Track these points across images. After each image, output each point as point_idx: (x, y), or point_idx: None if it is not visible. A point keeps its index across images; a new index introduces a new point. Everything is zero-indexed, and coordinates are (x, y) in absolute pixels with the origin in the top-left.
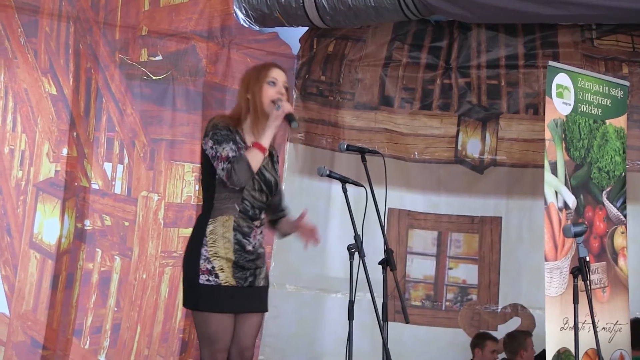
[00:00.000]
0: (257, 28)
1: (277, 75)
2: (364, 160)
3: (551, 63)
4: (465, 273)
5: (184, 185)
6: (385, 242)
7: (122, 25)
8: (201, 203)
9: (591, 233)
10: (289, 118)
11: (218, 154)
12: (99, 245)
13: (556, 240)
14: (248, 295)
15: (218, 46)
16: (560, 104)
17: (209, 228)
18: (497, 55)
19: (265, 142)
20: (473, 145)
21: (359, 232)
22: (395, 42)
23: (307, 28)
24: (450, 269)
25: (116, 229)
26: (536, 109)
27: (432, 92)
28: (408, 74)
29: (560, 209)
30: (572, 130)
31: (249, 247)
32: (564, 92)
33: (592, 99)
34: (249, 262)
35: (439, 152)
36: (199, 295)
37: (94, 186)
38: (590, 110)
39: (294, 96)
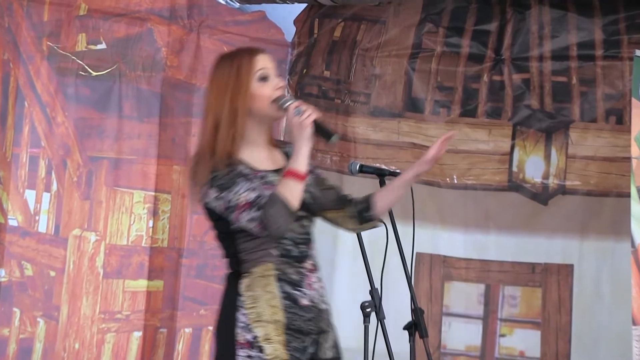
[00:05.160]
0: (237, 5)
1: (265, 62)
2: (383, 185)
3: (639, 53)
4: (523, 341)
5: (133, 220)
6: (412, 299)
7: (52, 2)
8: (158, 245)
9: None
10: (323, 132)
11: (233, 203)
12: (16, 304)
13: None
14: None
15: (183, 30)
16: None
17: (244, 282)
18: (566, 42)
19: (302, 165)
20: (534, 165)
21: (377, 286)
22: (426, 25)
23: (305, 5)
24: (502, 336)
25: (40, 280)
26: (620, 116)
27: (476, 93)
28: (444, 68)
29: None
30: None
31: (305, 302)
32: None
33: None
34: (307, 323)
35: (486, 176)
36: None
37: (11, 222)
38: None
39: None
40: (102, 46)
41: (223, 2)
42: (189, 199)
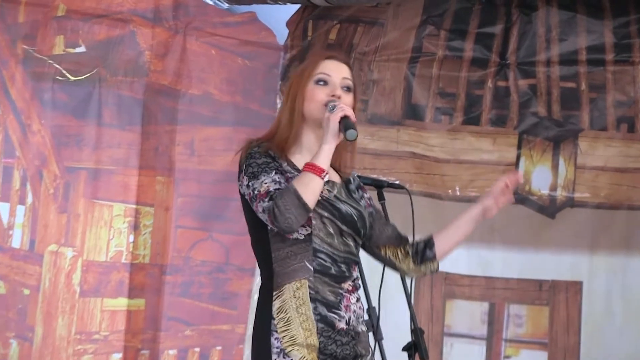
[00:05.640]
0: (226, 6)
1: (331, 68)
2: (381, 198)
3: None
4: None
5: (112, 235)
6: (412, 319)
7: (28, 3)
8: (139, 261)
9: None
10: (344, 125)
11: (256, 192)
12: None
13: None
14: None
15: (168, 32)
16: None
17: (276, 304)
18: (575, 46)
19: (322, 160)
20: (541, 176)
21: (375, 304)
22: (427, 27)
23: (299, 6)
24: (507, 357)
25: (13, 299)
26: (632, 124)
27: (480, 100)
28: (446, 73)
29: None
30: None
31: (341, 325)
32: None
33: None
34: (342, 347)
35: (491, 187)
36: None
37: None
38: None
39: (278, 106)
40: (81, 49)
41: (211, 3)
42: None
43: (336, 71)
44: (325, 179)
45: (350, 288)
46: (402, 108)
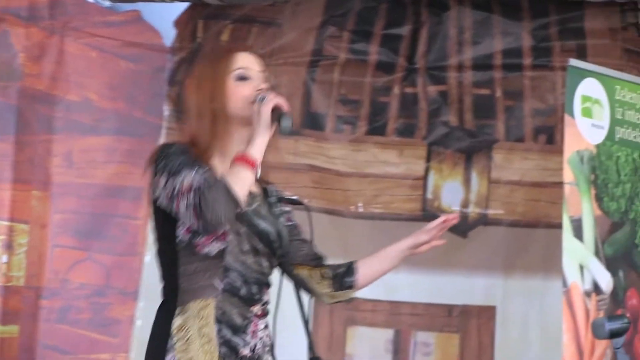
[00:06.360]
0: (107, 4)
1: (249, 62)
2: None
3: (574, 62)
4: None
5: None
6: (310, 348)
7: None
8: (13, 284)
9: (636, 331)
10: (278, 115)
11: (177, 189)
12: None
13: (581, 342)
14: None
15: (44, 33)
16: (587, 127)
17: (177, 321)
18: (489, 49)
19: (254, 151)
20: (451, 191)
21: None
22: (328, 28)
23: (187, 4)
24: None
25: None
26: (551, 135)
27: (386, 108)
28: (349, 79)
29: (587, 293)
30: (606, 169)
31: (245, 351)
32: (594, 108)
33: (639, 118)
34: None
35: (397, 203)
36: None
37: None
38: (635, 136)
39: (165, 113)
40: None
41: (91, 0)
42: None
43: (254, 64)
44: (257, 173)
45: (259, 312)
46: (300, 116)
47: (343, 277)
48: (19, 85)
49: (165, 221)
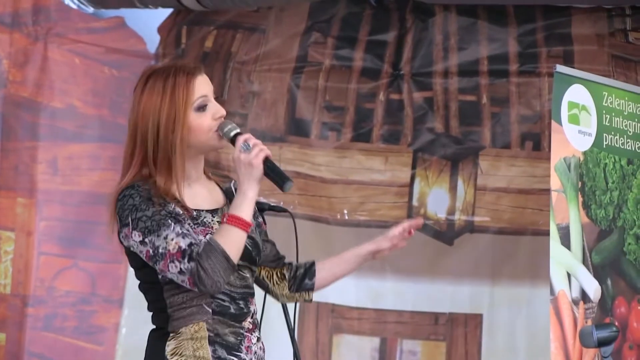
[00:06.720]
0: (91, 10)
1: (203, 87)
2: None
3: (560, 68)
4: None
5: None
6: (295, 355)
7: None
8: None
9: (625, 340)
10: (277, 174)
11: (161, 251)
12: None
13: (569, 350)
14: None
15: (28, 39)
16: (574, 134)
17: (171, 345)
18: (475, 55)
19: (247, 212)
20: (437, 199)
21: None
22: (312, 34)
23: (171, 10)
24: None
25: None
26: (538, 142)
27: (371, 114)
28: (334, 85)
29: (575, 302)
30: (593, 176)
31: None
32: (581, 114)
33: (626, 125)
34: None
35: (382, 210)
36: None
37: None
38: (623, 143)
39: None
40: None
41: (75, 7)
42: None
43: (208, 87)
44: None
45: (250, 326)
46: (285, 123)
47: (302, 279)
48: (3, 92)
49: (144, 264)
